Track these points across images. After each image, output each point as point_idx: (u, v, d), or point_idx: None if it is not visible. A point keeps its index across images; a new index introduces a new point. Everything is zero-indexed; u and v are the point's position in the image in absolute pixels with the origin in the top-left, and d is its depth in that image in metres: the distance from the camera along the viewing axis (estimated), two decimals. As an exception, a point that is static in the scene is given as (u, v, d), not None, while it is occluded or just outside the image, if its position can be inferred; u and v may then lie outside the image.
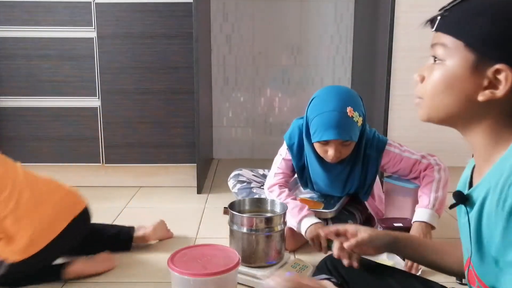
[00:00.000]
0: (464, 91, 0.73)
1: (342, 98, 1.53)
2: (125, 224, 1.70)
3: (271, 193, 1.68)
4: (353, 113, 1.51)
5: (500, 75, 0.70)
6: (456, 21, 0.74)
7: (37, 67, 2.23)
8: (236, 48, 2.90)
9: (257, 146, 3.02)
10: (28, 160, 2.31)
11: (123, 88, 2.27)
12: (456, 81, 0.74)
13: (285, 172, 1.73)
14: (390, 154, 1.65)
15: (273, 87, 2.96)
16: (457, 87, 0.74)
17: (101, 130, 2.30)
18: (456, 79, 0.74)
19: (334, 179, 1.68)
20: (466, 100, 0.73)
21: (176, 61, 2.24)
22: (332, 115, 1.51)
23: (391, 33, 2.12)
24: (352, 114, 1.51)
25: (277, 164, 1.74)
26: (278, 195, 1.65)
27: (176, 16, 2.20)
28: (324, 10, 2.85)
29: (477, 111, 0.74)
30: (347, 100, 1.53)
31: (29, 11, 2.19)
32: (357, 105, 1.56)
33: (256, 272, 1.38)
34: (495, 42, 0.70)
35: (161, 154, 2.33)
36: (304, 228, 1.56)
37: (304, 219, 1.57)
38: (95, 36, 2.22)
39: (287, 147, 1.70)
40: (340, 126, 1.50)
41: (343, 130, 1.51)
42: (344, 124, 1.50)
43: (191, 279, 1.14)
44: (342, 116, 1.50)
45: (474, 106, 0.73)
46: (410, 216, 1.65)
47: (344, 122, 1.50)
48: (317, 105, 1.57)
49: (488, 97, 0.71)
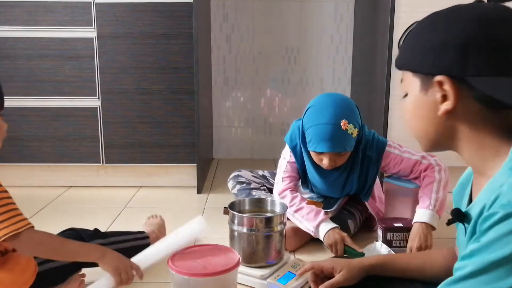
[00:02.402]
0: (427, 113, 0.77)
1: (337, 110, 1.53)
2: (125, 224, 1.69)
3: (284, 198, 1.66)
4: (347, 126, 1.51)
5: (445, 86, 0.72)
6: (401, 55, 0.80)
7: (37, 67, 2.23)
8: (236, 48, 2.90)
9: (257, 146, 3.02)
10: (28, 160, 2.32)
11: (123, 88, 2.27)
12: (418, 107, 0.78)
13: (292, 175, 1.72)
14: (390, 155, 1.65)
15: (273, 87, 2.96)
16: (422, 112, 0.78)
17: (101, 130, 2.30)
18: (417, 105, 0.78)
19: (332, 184, 1.68)
20: (433, 120, 0.76)
21: (176, 61, 2.24)
22: (325, 128, 1.51)
23: (391, 33, 2.12)
24: (346, 127, 1.51)
25: (283, 168, 1.72)
26: (291, 201, 1.64)
27: (176, 16, 2.20)
28: (324, 10, 2.85)
29: (448, 127, 0.76)
30: (342, 113, 1.52)
31: (29, 11, 2.19)
32: (353, 116, 1.55)
33: (256, 272, 1.38)
34: (426, 58, 0.74)
35: (161, 154, 2.33)
36: (322, 233, 1.55)
37: (322, 224, 1.56)
38: (95, 36, 2.22)
39: (290, 149, 1.70)
40: (333, 139, 1.50)
41: (337, 143, 1.51)
42: (337, 138, 1.51)
43: (191, 279, 1.14)
44: (335, 129, 1.50)
45: (441, 123, 0.76)
46: (410, 216, 1.65)
47: (337, 135, 1.51)
48: (313, 116, 1.57)
49: (444, 110, 0.73)
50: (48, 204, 2.15)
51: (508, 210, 0.63)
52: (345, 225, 1.67)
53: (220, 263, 1.19)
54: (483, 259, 0.64)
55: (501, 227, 0.63)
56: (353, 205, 1.78)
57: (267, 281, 1.35)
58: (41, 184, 2.38)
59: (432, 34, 0.73)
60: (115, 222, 1.92)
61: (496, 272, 0.63)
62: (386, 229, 1.58)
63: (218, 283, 1.15)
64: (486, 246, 0.65)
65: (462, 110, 0.73)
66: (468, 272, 0.66)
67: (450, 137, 0.77)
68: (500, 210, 0.64)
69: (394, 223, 1.60)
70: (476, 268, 0.65)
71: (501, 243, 0.63)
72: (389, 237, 1.58)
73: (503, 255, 0.63)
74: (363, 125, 1.63)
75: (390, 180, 1.75)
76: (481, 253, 0.65)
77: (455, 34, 0.71)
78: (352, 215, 1.74)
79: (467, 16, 0.71)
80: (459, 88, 0.71)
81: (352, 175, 1.65)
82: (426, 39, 0.74)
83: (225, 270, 1.16)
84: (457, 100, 0.72)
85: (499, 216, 0.63)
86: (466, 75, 0.70)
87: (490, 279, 0.64)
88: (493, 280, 0.64)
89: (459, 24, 0.71)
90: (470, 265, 0.66)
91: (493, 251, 0.64)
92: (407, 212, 1.69)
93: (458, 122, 0.74)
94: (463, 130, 0.75)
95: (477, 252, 0.66)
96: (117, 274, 1.19)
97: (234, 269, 1.19)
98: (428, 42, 0.74)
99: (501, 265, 0.63)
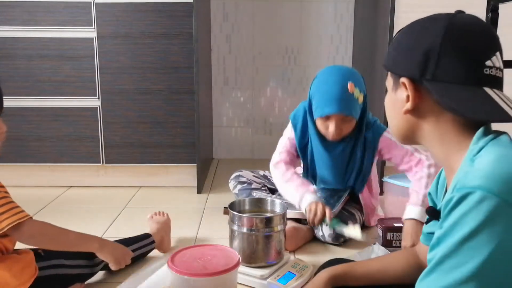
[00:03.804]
0: (397, 110, 0.84)
1: (343, 74, 1.57)
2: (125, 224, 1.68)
3: (277, 169, 1.71)
4: (354, 89, 1.54)
5: (408, 87, 0.79)
6: (386, 55, 0.87)
7: (37, 67, 2.23)
8: (236, 48, 2.90)
9: (257, 146, 3.02)
10: (28, 160, 2.32)
11: (123, 88, 2.27)
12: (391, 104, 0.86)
13: (290, 151, 1.77)
14: (386, 140, 1.69)
15: (273, 87, 2.96)
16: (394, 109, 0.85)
17: (101, 130, 2.30)
18: (390, 102, 0.87)
19: (336, 160, 1.69)
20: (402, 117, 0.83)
21: (176, 61, 2.25)
22: (333, 89, 1.55)
23: (391, 33, 2.12)
24: (352, 90, 1.54)
25: (282, 144, 1.78)
26: (284, 171, 1.70)
27: (176, 16, 2.21)
28: (324, 10, 2.86)
29: (413, 125, 0.83)
30: (348, 76, 1.57)
31: (29, 11, 2.19)
32: (358, 82, 1.59)
33: (256, 272, 1.38)
34: (394, 61, 0.82)
35: (161, 154, 2.33)
36: (305, 203, 1.59)
37: (307, 194, 1.61)
38: (95, 36, 2.22)
39: (292, 126, 1.74)
40: (341, 100, 1.54)
41: (344, 104, 1.55)
42: (345, 99, 1.54)
43: (191, 279, 1.14)
44: (343, 90, 1.54)
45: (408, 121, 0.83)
46: (410, 216, 1.65)
47: (345, 96, 1.54)
48: (319, 83, 1.61)
49: (406, 108, 0.80)
50: (48, 204, 2.15)
51: (462, 192, 0.66)
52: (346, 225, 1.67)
53: (220, 263, 1.19)
54: (447, 243, 0.67)
55: (459, 210, 0.66)
56: (352, 206, 1.78)
57: (267, 281, 1.35)
58: (41, 184, 2.38)
59: (407, 38, 0.80)
60: (115, 222, 1.92)
61: (462, 253, 0.65)
62: (386, 229, 1.58)
63: (218, 283, 1.15)
64: (449, 230, 0.67)
65: (423, 110, 0.80)
66: (438, 259, 0.68)
67: (416, 133, 0.83)
68: (456, 193, 0.67)
69: (394, 223, 1.60)
70: (444, 253, 0.67)
71: (461, 224, 0.65)
72: (389, 237, 1.58)
73: (464, 234, 0.65)
74: (366, 97, 1.65)
75: (390, 180, 1.75)
76: (445, 238, 0.67)
77: (423, 40, 0.77)
78: (352, 215, 1.74)
79: (438, 25, 0.76)
80: (419, 90, 0.78)
81: (356, 150, 1.67)
82: (401, 42, 0.81)
83: (225, 270, 1.16)
84: (416, 100, 0.79)
85: (455, 199, 0.66)
86: (423, 79, 0.76)
87: (458, 261, 0.65)
88: (462, 262, 0.65)
89: (429, 31, 0.77)
90: (439, 252, 0.68)
91: (455, 233, 0.66)
92: (407, 212, 1.69)
93: (420, 120, 0.81)
94: (425, 127, 0.81)
95: (442, 238, 0.68)
96: (117, 263, 1.30)
97: (234, 269, 1.19)
98: (402, 45, 0.81)
99: (464, 244, 0.65)
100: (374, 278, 1.03)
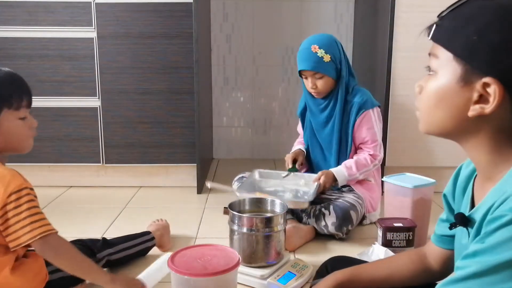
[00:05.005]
0: (455, 106, 0.71)
1: (311, 39, 1.84)
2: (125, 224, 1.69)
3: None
4: (317, 50, 1.79)
5: (489, 88, 0.67)
6: (446, 30, 0.71)
7: (37, 67, 2.23)
8: (236, 48, 2.90)
9: (257, 146, 3.01)
10: (28, 160, 2.31)
11: (123, 88, 2.27)
12: (447, 94, 0.71)
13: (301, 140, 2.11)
14: (368, 116, 1.84)
15: (273, 87, 2.96)
16: (448, 101, 0.72)
17: (101, 130, 2.30)
18: (446, 92, 0.71)
19: (321, 113, 1.91)
20: (458, 115, 0.71)
21: (176, 61, 2.25)
22: (301, 52, 1.85)
23: (391, 33, 2.12)
24: (316, 51, 1.79)
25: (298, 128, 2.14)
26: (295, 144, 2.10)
27: (176, 16, 2.21)
28: (324, 10, 2.85)
29: (470, 126, 0.72)
30: (315, 41, 1.82)
31: (29, 11, 2.19)
32: (326, 44, 1.81)
33: (256, 272, 1.38)
34: (482, 54, 0.67)
35: (161, 154, 2.33)
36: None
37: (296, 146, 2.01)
38: (95, 36, 2.22)
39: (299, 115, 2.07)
40: (306, 59, 1.81)
41: (308, 62, 1.81)
42: (308, 58, 1.81)
43: (191, 279, 1.14)
44: (307, 52, 1.81)
45: (466, 121, 0.71)
46: (410, 216, 1.65)
47: (308, 56, 1.81)
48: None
49: (478, 112, 0.69)
50: (48, 204, 2.15)
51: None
52: (348, 216, 1.71)
53: (220, 263, 1.19)
54: (487, 260, 0.64)
55: (508, 230, 0.63)
56: (352, 197, 1.78)
57: (267, 281, 1.35)
58: (41, 184, 2.38)
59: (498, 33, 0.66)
60: (115, 222, 1.92)
61: (500, 275, 0.63)
62: (386, 229, 1.58)
63: (218, 283, 1.15)
64: (491, 248, 0.64)
65: (495, 116, 0.69)
66: (471, 272, 0.65)
67: (465, 137, 0.74)
68: (508, 213, 0.63)
69: (394, 223, 1.60)
70: (479, 269, 0.65)
71: (507, 246, 0.63)
72: (389, 237, 1.58)
73: (508, 258, 0.62)
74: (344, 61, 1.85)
75: (390, 180, 1.75)
76: (485, 254, 0.65)
77: None
78: (354, 207, 1.75)
79: None
80: (504, 95, 0.67)
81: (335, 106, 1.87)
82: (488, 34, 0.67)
83: (225, 270, 1.16)
84: (497, 107, 0.67)
85: (507, 219, 0.63)
86: None
87: (492, 281, 0.63)
88: (496, 282, 0.63)
89: None
90: (473, 265, 0.66)
91: (498, 254, 0.63)
92: (407, 212, 1.69)
93: (485, 124, 0.71)
94: (485, 134, 0.71)
95: (481, 253, 0.65)
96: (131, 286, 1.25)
97: (234, 269, 1.19)
98: (489, 39, 0.67)
99: (505, 268, 0.62)
100: (381, 283, 1.00)
